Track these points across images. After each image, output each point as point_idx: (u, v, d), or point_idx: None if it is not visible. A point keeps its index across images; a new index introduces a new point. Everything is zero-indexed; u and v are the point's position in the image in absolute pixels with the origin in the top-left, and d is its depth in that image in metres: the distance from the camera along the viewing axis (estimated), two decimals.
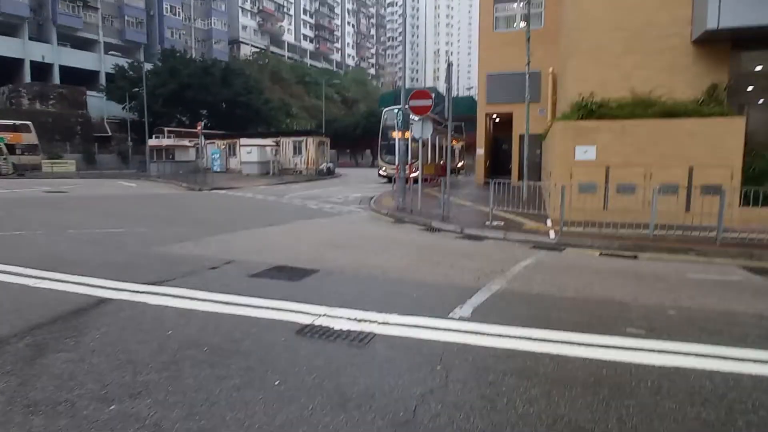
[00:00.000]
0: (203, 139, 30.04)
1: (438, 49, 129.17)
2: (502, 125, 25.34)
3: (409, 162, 14.75)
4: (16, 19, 44.03)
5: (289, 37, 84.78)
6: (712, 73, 11.73)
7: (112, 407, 2.77)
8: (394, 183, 23.27)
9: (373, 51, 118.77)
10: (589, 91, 11.55)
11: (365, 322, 4.20)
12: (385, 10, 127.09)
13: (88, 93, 45.37)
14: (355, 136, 60.55)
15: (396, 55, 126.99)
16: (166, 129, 40.61)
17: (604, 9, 12.43)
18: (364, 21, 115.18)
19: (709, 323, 4.45)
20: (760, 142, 11.36)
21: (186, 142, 37.79)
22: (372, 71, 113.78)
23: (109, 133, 45.26)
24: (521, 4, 21.02)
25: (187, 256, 6.98)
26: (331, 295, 5.04)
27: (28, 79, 43.71)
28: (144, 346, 3.65)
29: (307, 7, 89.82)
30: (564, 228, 9.26)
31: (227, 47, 69.36)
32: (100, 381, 3.08)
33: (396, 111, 26.66)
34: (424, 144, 15.27)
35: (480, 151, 23.51)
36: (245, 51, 72.98)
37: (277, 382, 3.09)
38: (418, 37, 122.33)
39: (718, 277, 6.45)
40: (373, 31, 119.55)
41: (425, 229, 10.49)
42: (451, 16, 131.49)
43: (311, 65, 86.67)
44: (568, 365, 3.44)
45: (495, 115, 24.54)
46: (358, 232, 9.91)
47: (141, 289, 5.11)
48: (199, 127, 27.58)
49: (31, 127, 33.61)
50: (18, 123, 33.48)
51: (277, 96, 59.46)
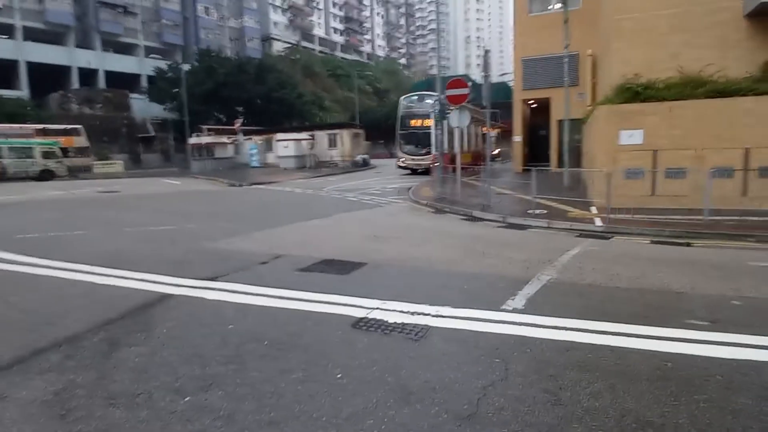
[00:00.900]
0: (241, 136, 30.72)
1: (468, 36, 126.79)
2: (539, 111, 24.71)
3: (443, 151, 14.62)
4: (61, 28, 46.14)
5: (319, 31, 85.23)
6: (767, 49, 11.04)
7: (186, 399, 2.91)
8: (427, 173, 22.95)
9: (403, 41, 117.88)
10: (633, 72, 11.10)
11: (418, 315, 4.24)
12: None
13: (131, 95, 47.16)
14: (388, 127, 60.30)
15: (426, 43, 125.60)
16: (205, 127, 41.75)
17: None
18: (393, 11, 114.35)
19: None
20: None
21: (224, 139, 38.75)
22: (403, 61, 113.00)
23: (152, 134, 46.95)
24: None
25: (236, 251, 7.20)
26: (381, 288, 5.10)
27: (76, 84, 45.81)
28: (208, 339, 3.81)
29: (336, 0, 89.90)
30: (610, 215, 9.00)
31: (260, 44, 70.42)
32: (172, 374, 3.25)
33: (415, 98, 26.11)
34: (461, 133, 15.08)
35: (517, 138, 23.06)
36: (277, 47, 73.92)
37: (339, 376, 3.17)
38: (448, 24, 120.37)
39: None
40: (402, 20, 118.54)
41: (466, 219, 10.41)
42: (482, 2, 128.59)
43: (342, 58, 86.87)
44: (629, 358, 3.37)
45: (532, 101, 23.96)
46: (399, 223, 9.95)
47: (198, 285, 5.32)
48: (237, 124, 28.25)
49: (81, 131, 35.23)
50: (69, 127, 35.16)
51: (309, 90, 59.94)
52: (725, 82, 10.23)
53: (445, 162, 14.24)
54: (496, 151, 35.75)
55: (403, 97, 27.51)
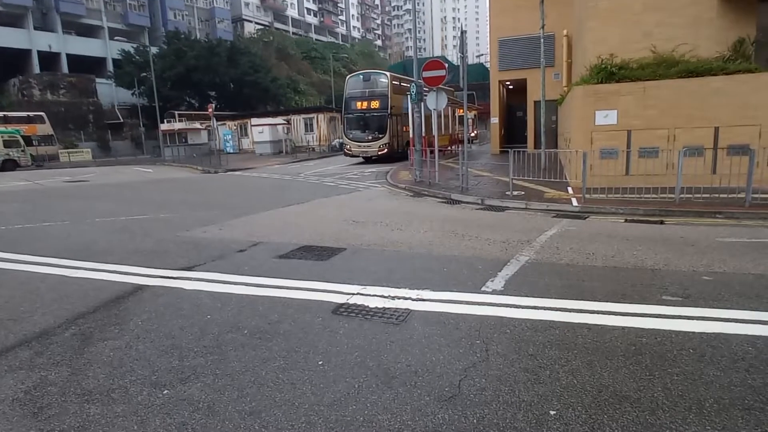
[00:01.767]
0: (215, 121, 30.02)
1: (445, 17, 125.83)
2: (516, 92, 24.81)
3: (421, 134, 14.55)
4: (19, 9, 43.81)
5: (292, 12, 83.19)
6: (738, 28, 11.25)
7: (165, 392, 2.85)
8: (385, 160, 21.37)
9: (378, 21, 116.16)
10: (608, 52, 11.19)
11: (399, 299, 4.24)
12: None
13: (97, 80, 45.42)
14: None
15: (402, 24, 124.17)
16: (176, 113, 40.65)
17: None
18: None
19: (746, 288, 4.38)
20: None
21: (197, 125, 37.85)
22: (378, 42, 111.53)
23: (121, 120, 45.47)
24: None
25: (213, 239, 7.07)
26: (361, 273, 5.08)
27: (37, 69, 43.77)
28: (186, 331, 3.73)
29: None
30: (586, 195, 9.15)
31: (231, 26, 68.42)
32: (149, 367, 3.17)
33: (360, 77, 23.65)
34: (438, 114, 14.97)
35: (495, 119, 23.13)
36: (249, 29, 71.94)
37: (320, 362, 3.14)
38: (424, 4, 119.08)
39: (750, 239, 6.33)
40: (377, 0, 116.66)
41: (445, 202, 10.44)
42: None
43: (316, 40, 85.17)
44: (607, 335, 3.44)
45: (508, 82, 24.01)
46: (378, 208, 9.91)
47: (174, 275, 5.21)
48: (210, 109, 27.52)
49: (45, 118, 33.91)
50: (32, 114, 33.81)
51: (284, 73, 58.72)
52: (697, 62, 10.40)
53: (423, 145, 14.16)
54: (473, 133, 35.85)
55: (349, 76, 24.87)
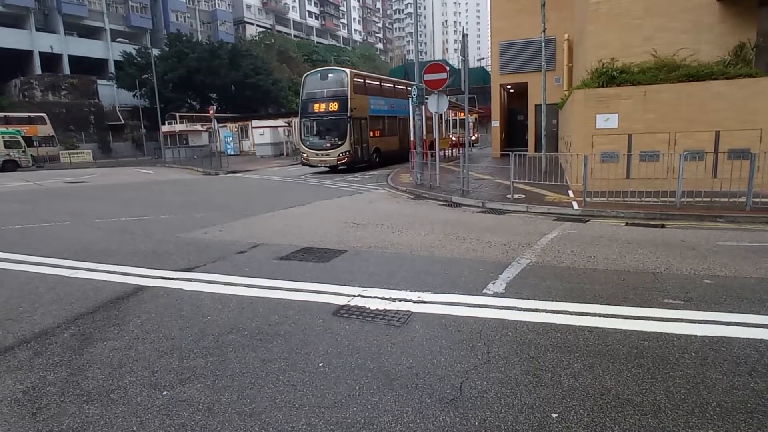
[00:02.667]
0: (216, 123, 30.05)
1: (446, 20, 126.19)
2: (517, 96, 24.84)
3: (422, 137, 14.56)
4: (21, 10, 43.88)
5: (294, 15, 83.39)
6: (739, 32, 11.27)
7: (164, 393, 2.84)
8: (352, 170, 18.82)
9: (380, 25, 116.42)
10: (609, 56, 11.21)
11: (400, 301, 4.22)
12: None
13: (99, 82, 45.45)
14: None
15: (403, 28, 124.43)
16: (177, 114, 40.69)
17: None
18: None
19: (747, 291, 4.37)
20: None
21: (198, 127, 37.88)
22: (380, 46, 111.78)
23: (122, 121, 45.49)
24: None
25: (213, 241, 7.06)
26: (362, 275, 5.07)
27: (38, 70, 43.80)
28: (185, 332, 3.72)
29: None
30: (587, 198, 9.14)
31: (232, 28, 68.58)
32: (148, 368, 3.16)
33: (317, 75, 20.22)
34: (439, 118, 14.97)
35: (495, 123, 23.14)
36: (251, 31, 72.07)
37: (321, 364, 3.13)
38: (425, 8, 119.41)
39: (751, 243, 6.32)
40: (379, 4, 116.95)
41: (446, 205, 10.43)
42: None
43: (318, 43, 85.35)
44: (608, 338, 3.42)
45: (509, 86, 24.03)
46: (379, 210, 9.90)
47: (174, 276, 5.19)
48: (211, 111, 27.54)
49: (46, 119, 33.93)
50: (33, 115, 33.82)
51: (285, 76, 58.75)
52: (698, 66, 10.42)
53: (424, 148, 14.17)
54: (474, 137, 35.89)
55: (306, 74, 21.39)
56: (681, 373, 2.92)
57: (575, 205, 9.20)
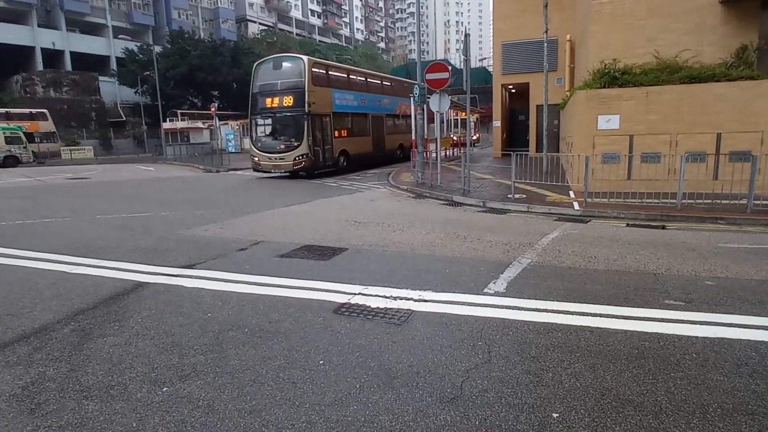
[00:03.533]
0: (217, 121, 30.02)
1: (448, 20, 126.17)
2: (518, 96, 24.82)
3: (423, 136, 14.55)
4: (23, 6, 43.85)
5: (296, 13, 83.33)
6: (741, 35, 11.25)
7: (164, 389, 2.83)
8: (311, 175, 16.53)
9: (382, 24, 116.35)
10: (611, 57, 11.19)
11: (401, 299, 4.22)
12: None
13: (100, 78, 45.42)
14: None
15: (406, 27, 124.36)
16: (179, 112, 40.65)
17: None
18: None
19: (748, 293, 4.36)
20: None
21: (200, 124, 37.83)
22: (381, 45, 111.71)
23: (123, 118, 45.47)
24: None
25: (213, 238, 7.05)
26: (363, 274, 5.06)
27: (40, 66, 43.77)
28: (186, 328, 3.71)
29: None
30: (588, 199, 9.13)
31: (235, 26, 68.52)
32: (148, 364, 3.15)
33: (269, 64, 17.58)
34: (441, 118, 14.93)
35: (497, 123, 23.13)
36: (253, 29, 72.02)
37: (321, 362, 3.12)
38: (427, 8, 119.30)
39: (752, 245, 6.31)
40: (381, 3, 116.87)
41: (447, 204, 10.42)
42: None
43: (320, 41, 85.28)
44: (609, 338, 3.42)
45: (511, 86, 24.00)
46: (380, 208, 9.89)
47: (174, 273, 5.19)
48: (212, 109, 27.52)
49: (47, 115, 33.92)
50: (34, 111, 33.81)
51: None
52: (700, 68, 10.40)
53: (426, 147, 14.19)
54: (475, 137, 35.88)
55: (257, 62, 18.66)
56: (682, 374, 2.92)
57: (576, 205, 9.19)
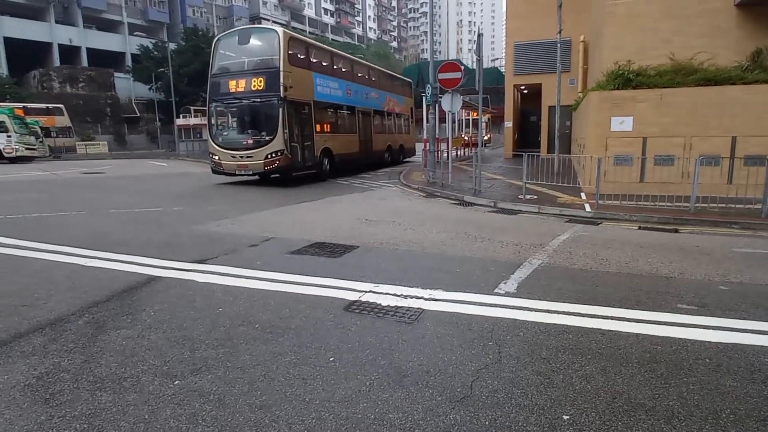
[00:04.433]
0: None
1: (461, 20, 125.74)
2: (530, 97, 24.68)
3: (435, 136, 14.53)
4: (41, 3, 44.55)
5: (309, 12, 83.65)
6: (756, 38, 11.08)
7: (176, 382, 2.86)
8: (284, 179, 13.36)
9: (394, 23, 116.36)
10: (625, 59, 11.08)
11: (411, 298, 4.22)
12: None
13: (115, 74, 46.00)
14: None
15: (418, 27, 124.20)
16: (192, 108, 40.98)
17: None
18: None
19: (763, 298, 4.31)
20: None
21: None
22: (394, 44, 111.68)
23: (137, 114, 46.02)
24: None
25: (225, 234, 7.11)
26: (373, 271, 5.07)
27: (57, 62, 44.45)
28: (197, 323, 3.75)
29: None
30: (599, 201, 9.06)
31: (248, 24, 69.02)
32: (160, 357, 3.19)
33: (235, 38, 14.09)
34: (453, 118, 14.90)
35: (508, 123, 23.04)
36: None
37: (331, 359, 3.14)
38: (440, 8, 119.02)
39: (766, 250, 6.22)
40: (394, 2, 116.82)
41: (458, 204, 10.40)
42: None
43: (333, 40, 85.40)
44: (621, 341, 3.39)
45: (523, 87, 23.88)
46: (390, 207, 9.90)
47: (186, 267, 5.24)
48: None
49: (63, 110, 34.46)
50: (51, 106, 34.36)
51: None
52: (715, 71, 10.26)
53: (437, 147, 14.18)
54: (486, 137, 35.74)
55: (217, 37, 15.06)
56: (695, 379, 2.89)
57: (587, 207, 9.12)
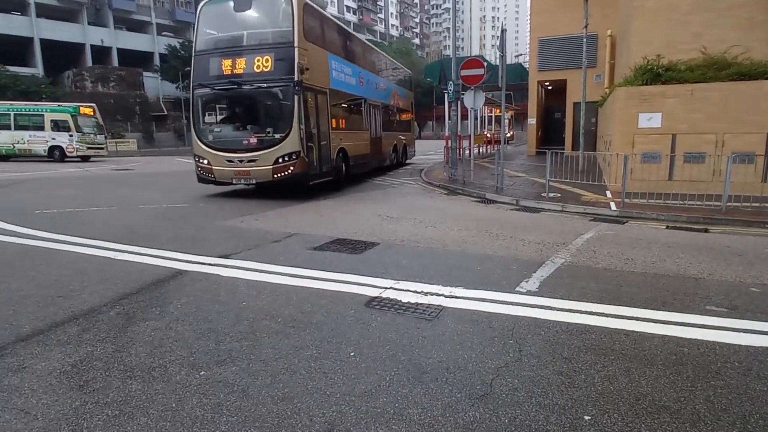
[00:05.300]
0: None
1: (484, 16, 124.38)
2: (555, 93, 24.26)
3: (457, 132, 14.43)
4: (75, 5, 45.91)
5: (332, 9, 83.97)
6: None
7: (201, 373, 2.95)
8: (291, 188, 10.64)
9: (417, 20, 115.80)
10: (654, 53, 10.79)
11: (432, 295, 4.23)
12: None
13: (144, 74, 47.11)
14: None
15: (440, 23, 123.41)
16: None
17: None
18: None
19: None
20: None
21: None
22: (416, 41, 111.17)
23: (165, 112, 47.03)
24: None
25: (249, 229, 7.23)
26: (394, 268, 5.10)
27: (89, 62, 45.76)
28: (222, 316, 3.84)
29: None
30: (625, 200, 8.87)
31: None
32: (187, 348, 3.28)
33: (231, 3, 10.49)
34: (475, 115, 14.80)
35: (532, 120, 22.73)
36: None
37: (352, 353, 3.18)
38: (463, 3, 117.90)
39: None
40: None
41: (479, 201, 10.33)
42: None
43: None
44: (645, 343, 3.33)
45: (547, 83, 23.51)
46: (412, 204, 9.90)
47: (212, 262, 5.36)
48: None
49: (95, 109, 35.41)
50: (84, 105, 35.34)
51: None
52: (750, 65, 9.91)
53: (458, 144, 14.09)
54: (509, 134, 35.32)
55: (203, 2, 10.93)
56: (723, 383, 2.82)
57: (613, 205, 8.94)
